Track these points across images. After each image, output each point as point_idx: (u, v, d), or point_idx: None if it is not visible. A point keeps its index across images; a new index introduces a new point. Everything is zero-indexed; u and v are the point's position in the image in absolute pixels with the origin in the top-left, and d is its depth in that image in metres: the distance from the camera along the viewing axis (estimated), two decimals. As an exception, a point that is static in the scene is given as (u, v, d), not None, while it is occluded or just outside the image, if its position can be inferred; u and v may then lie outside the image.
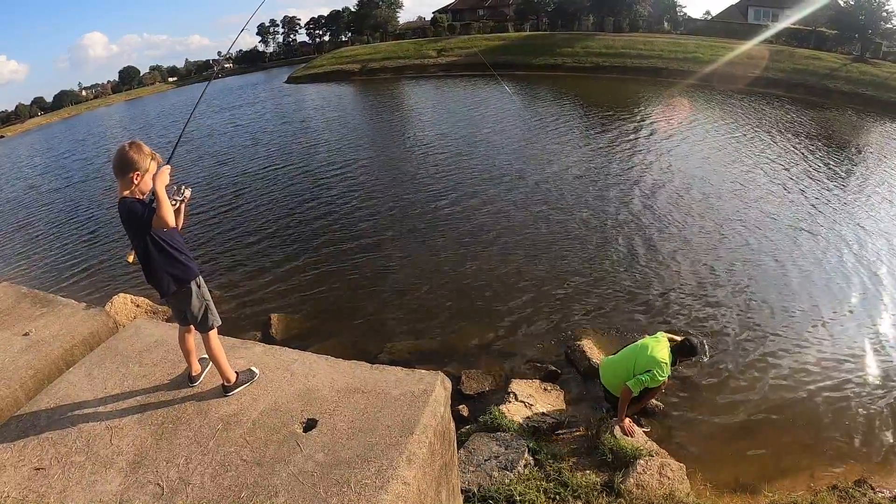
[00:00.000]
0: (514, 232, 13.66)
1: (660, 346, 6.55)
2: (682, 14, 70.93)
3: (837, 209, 14.77)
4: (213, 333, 4.17)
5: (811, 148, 21.25)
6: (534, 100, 36.07)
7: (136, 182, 3.67)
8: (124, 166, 3.69)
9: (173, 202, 3.80)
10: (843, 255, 12.05)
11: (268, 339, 9.43)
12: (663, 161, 19.04)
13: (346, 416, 3.80)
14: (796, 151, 20.59)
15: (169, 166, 3.73)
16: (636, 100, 32.95)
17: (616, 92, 37.07)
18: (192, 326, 4.27)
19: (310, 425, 3.80)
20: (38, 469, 3.98)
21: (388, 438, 3.58)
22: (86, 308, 6.51)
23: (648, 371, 6.35)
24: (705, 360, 6.79)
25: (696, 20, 69.17)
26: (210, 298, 4.15)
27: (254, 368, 4.32)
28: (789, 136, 23.37)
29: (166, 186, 3.75)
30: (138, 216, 3.68)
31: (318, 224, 15.36)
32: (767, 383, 8.12)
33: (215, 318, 4.15)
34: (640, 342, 6.82)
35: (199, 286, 4.08)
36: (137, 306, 10.49)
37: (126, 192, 3.71)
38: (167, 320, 6.67)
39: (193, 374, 4.48)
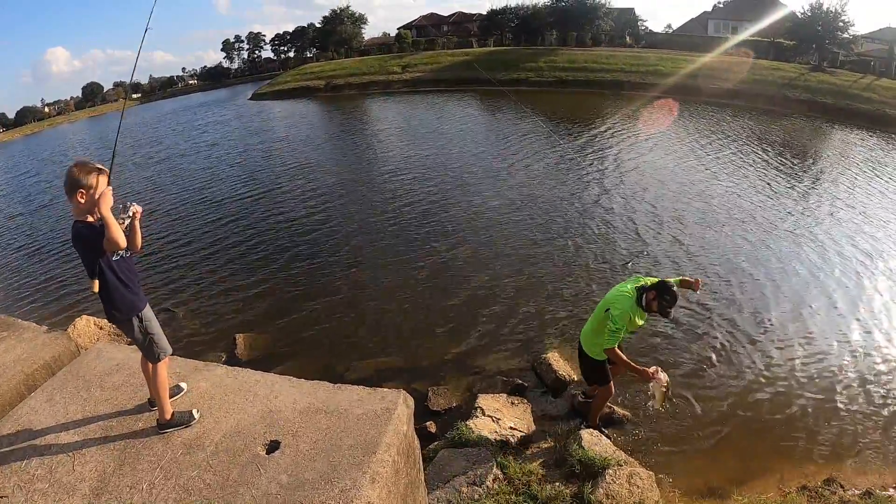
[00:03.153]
0: (478, 248, 13.70)
1: (620, 288, 6.45)
2: (643, 28, 72.58)
3: (804, 214, 15.27)
4: (161, 366, 4.12)
5: (773, 155, 21.87)
6: (497, 115, 36.34)
7: (81, 201, 3.66)
8: (71, 187, 3.70)
9: (120, 221, 3.79)
10: (811, 260, 12.39)
11: (233, 359, 9.34)
12: (629, 174, 19.36)
13: (309, 437, 3.82)
14: (760, 159, 21.10)
15: (109, 188, 3.71)
16: (599, 113, 33.45)
17: (580, 105, 37.58)
18: None
19: (273, 447, 3.80)
20: (2, 497, 3.93)
21: (351, 458, 3.61)
22: (47, 331, 6.42)
23: (607, 310, 6.25)
24: (671, 315, 6.22)
25: (657, 34, 70.75)
26: (157, 331, 4.10)
27: (195, 413, 4.22)
28: (752, 144, 24.00)
29: (112, 207, 3.73)
30: (85, 240, 3.68)
31: (283, 244, 15.25)
32: (735, 388, 8.26)
33: (162, 350, 4.11)
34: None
35: (141, 320, 4.03)
36: (101, 328, 10.32)
37: (76, 214, 3.72)
38: (129, 343, 6.59)
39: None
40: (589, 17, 62.63)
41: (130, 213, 3.91)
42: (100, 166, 3.80)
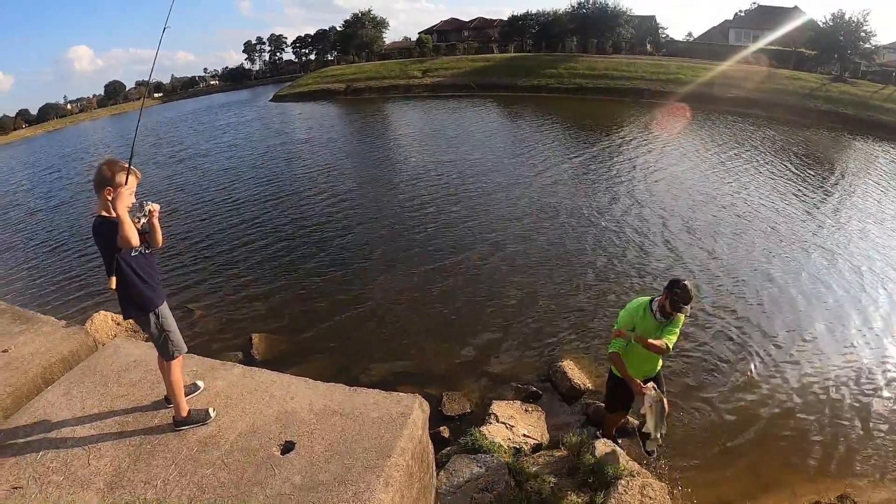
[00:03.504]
0: (497, 253, 13.60)
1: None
2: (664, 36, 72.02)
3: (834, 228, 14.95)
4: (175, 363, 4.14)
5: (798, 167, 21.54)
6: (518, 121, 36.19)
7: (108, 199, 3.69)
8: (98, 183, 3.74)
9: (136, 219, 3.81)
10: (829, 274, 12.19)
11: (249, 359, 9.36)
12: (656, 183, 19.10)
13: (324, 439, 3.81)
14: (780, 171, 20.87)
15: (127, 187, 3.72)
16: (620, 121, 33.14)
17: (600, 113, 37.23)
18: None
19: (287, 448, 3.80)
20: (16, 488, 3.95)
21: (365, 461, 3.60)
22: (65, 326, 6.47)
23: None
24: (687, 310, 5.68)
25: (678, 42, 70.19)
26: (173, 328, 4.11)
27: (211, 411, 4.24)
28: (770, 154, 23.69)
29: (132, 205, 3.78)
30: (104, 236, 3.71)
31: (302, 246, 15.26)
32: (749, 401, 8.15)
33: (177, 348, 4.12)
34: None
35: (158, 317, 4.05)
36: (118, 324, 10.40)
37: (101, 210, 3.76)
38: (147, 340, 6.63)
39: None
40: (610, 25, 62.46)
41: (147, 212, 3.92)
42: (133, 168, 3.84)
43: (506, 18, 78.94)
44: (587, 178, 20.18)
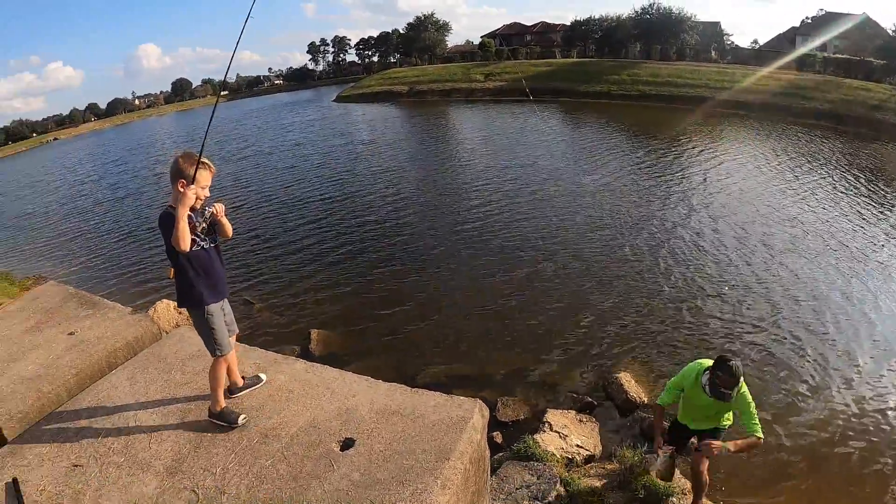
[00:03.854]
0: (559, 262, 13.43)
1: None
2: (729, 43, 70.24)
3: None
4: (217, 362, 4.18)
5: (865, 182, 20.57)
6: (581, 127, 35.78)
7: (180, 190, 3.71)
8: (173, 175, 3.78)
9: (197, 223, 3.88)
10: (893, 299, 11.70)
11: (306, 353, 9.48)
12: (716, 195, 18.59)
13: (384, 438, 3.80)
14: (851, 186, 20.05)
15: (192, 187, 3.71)
16: (683, 129, 32.24)
17: (663, 120, 36.30)
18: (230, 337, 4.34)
19: (347, 444, 3.80)
20: (76, 466, 4.06)
21: (424, 462, 3.56)
22: (131, 312, 6.63)
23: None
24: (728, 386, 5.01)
25: (743, 49, 68.20)
26: (219, 328, 4.13)
27: (241, 419, 4.22)
28: (840, 168, 22.78)
29: (201, 205, 3.88)
30: (166, 227, 3.74)
31: (362, 246, 15.44)
32: (808, 425, 7.87)
33: (220, 348, 4.14)
34: None
35: (205, 314, 4.08)
36: (179, 313, 10.66)
37: (172, 201, 3.78)
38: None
39: (234, 384, 4.53)
40: (674, 31, 61.22)
41: (208, 216, 3.97)
42: (205, 160, 3.87)
43: (568, 23, 78.31)
44: (655, 188, 19.75)
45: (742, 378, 4.98)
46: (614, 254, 13.81)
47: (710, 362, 5.26)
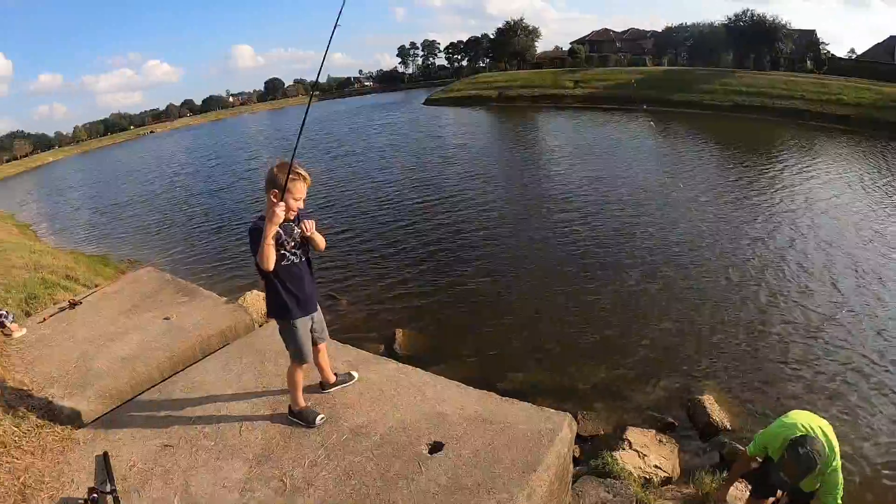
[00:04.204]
0: (646, 277, 12.92)
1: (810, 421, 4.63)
2: (825, 53, 66.60)
3: None
4: (294, 366, 4.23)
5: None
6: (672, 138, 34.39)
7: (273, 200, 3.68)
8: (268, 183, 3.78)
9: (287, 241, 3.88)
10: None
11: (391, 352, 9.53)
12: (821, 216, 16.93)
13: (472, 445, 3.80)
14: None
15: (282, 204, 3.63)
16: (780, 144, 29.96)
17: (758, 134, 33.95)
18: (318, 345, 4.41)
19: (436, 448, 3.83)
20: (167, 446, 4.25)
21: (511, 472, 3.55)
22: (226, 302, 6.88)
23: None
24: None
25: (840, 59, 64.28)
26: (301, 341, 4.14)
27: (319, 420, 4.26)
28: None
29: (291, 217, 3.84)
30: (252, 242, 3.77)
31: (451, 247, 15.42)
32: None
33: (299, 358, 4.19)
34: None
35: (287, 326, 4.12)
36: (270, 310, 10.97)
37: (264, 211, 3.76)
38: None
39: (326, 381, 4.62)
40: (768, 39, 58.78)
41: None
42: (300, 171, 3.84)
43: (659, 30, 76.71)
44: (756, 206, 18.58)
45: (819, 463, 4.18)
46: (712, 274, 13.05)
47: (804, 422, 4.47)
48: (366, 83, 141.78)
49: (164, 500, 3.70)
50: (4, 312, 6.65)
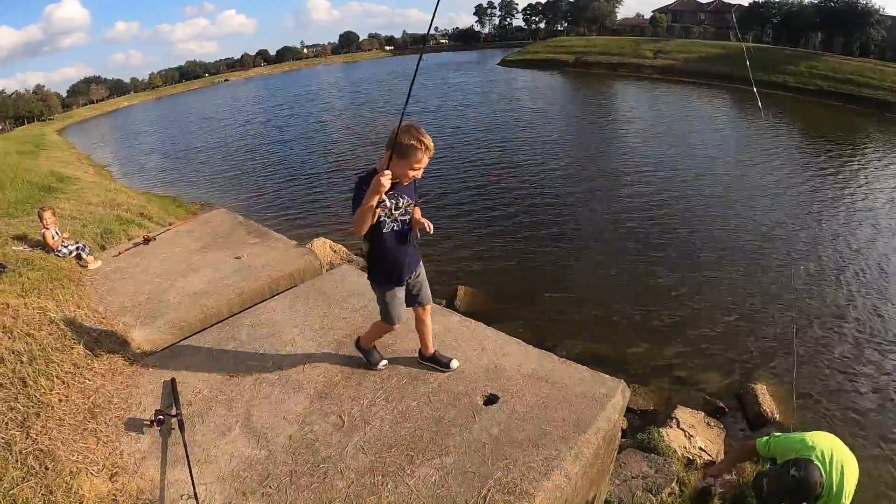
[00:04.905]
0: (713, 262, 12.61)
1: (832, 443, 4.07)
2: None
3: None
4: (380, 325, 4.15)
5: None
6: (752, 119, 32.53)
7: (383, 162, 3.38)
8: (388, 142, 3.45)
9: (394, 211, 3.64)
10: None
11: (451, 307, 9.67)
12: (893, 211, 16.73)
13: (526, 401, 3.91)
14: None
15: (388, 173, 3.28)
16: (865, 136, 27.94)
17: (841, 123, 32.39)
18: (417, 309, 4.22)
19: (491, 400, 3.94)
20: (232, 377, 4.48)
21: (561, 431, 3.64)
22: (296, 246, 7.12)
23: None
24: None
25: None
26: (392, 308, 3.97)
27: (383, 364, 4.34)
28: None
29: (406, 183, 3.59)
30: (353, 198, 3.50)
31: (518, 211, 15.46)
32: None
33: (388, 321, 4.05)
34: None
35: (379, 292, 3.99)
36: (335, 252, 11.31)
37: (377, 165, 3.49)
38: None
39: (424, 351, 4.44)
40: (859, 23, 55.52)
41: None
42: (426, 141, 3.45)
43: (746, 4, 73.77)
44: (837, 200, 17.45)
45: (807, 498, 3.71)
46: (783, 264, 12.73)
47: (827, 449, 3.89)
48: (441, 41, 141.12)
49: (226, 426, 3.91)
50: (81, 245, 7.02)
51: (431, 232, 3.72)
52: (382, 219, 3.59)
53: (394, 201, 3.59)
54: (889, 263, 12.81)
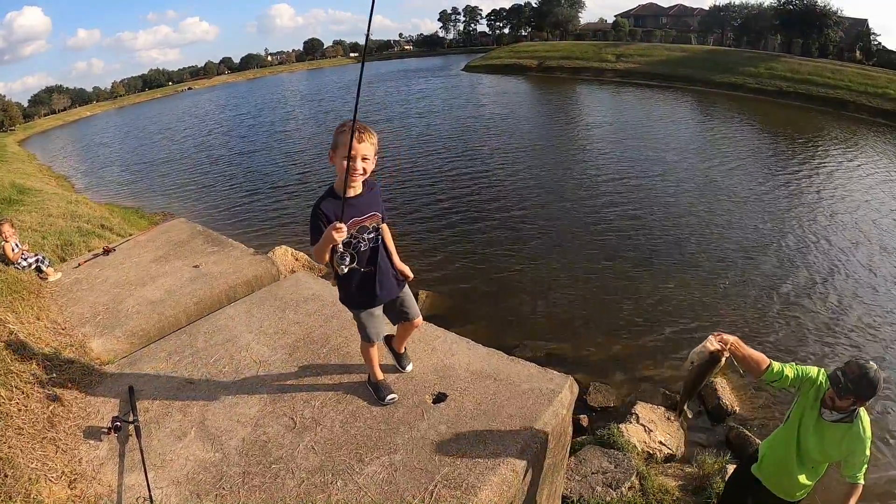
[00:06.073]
0: (674, 257, 12.85)
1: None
2: (876, 44, 64.31)
3: None
4: (363, 342, 3.98)
5: None
6: (712, 120, 32.96)
7: (329, 160, 3.37)
8: (332, 146, 3.35)
9: (359, 241, 3.49)
10: None
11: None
12: (845, 205, 16.98)
13: (474, 398, 3.98)
14: None
15: (342, 226, 3.14)
16: (821, 134, 28.99)
17: (799, 122, 33.12)
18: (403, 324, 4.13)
19: (439, 398, 4.01)
20: (189, 382, 4.54)
21: (508, 426, 3.71)
22: (253, 253, 7.13)
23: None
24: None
25: (890, 52, 61.52)
26: (368, 326, 3.80)
27: (390, 397, 4.01)
28: None
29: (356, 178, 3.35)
30: (311, 226, 3.39)
31: (477, 218, 15.66)
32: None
33: (366, 338, 3.88)
34: None
35: (354, 313, 3.83)
36: (296, 259, 11.31)
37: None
38: (323, 276, 7.19)
39: (396, 348, 4.39)
40: (817, 25, 56.99)
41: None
42: (350, 125, 3.18)
43: (707, 8, 75.35)
44: (788, 194, 17.92)
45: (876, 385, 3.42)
46: (735, 257, 12.86)
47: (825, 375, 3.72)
48: (406, 47, 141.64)
49: (182, 431, 3.95)
50: (41, 257, 6.96)
51: (411, 279, 3.78)
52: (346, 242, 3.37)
53: (353, 240, 3.44)
54: (846, 257, 13.10)
